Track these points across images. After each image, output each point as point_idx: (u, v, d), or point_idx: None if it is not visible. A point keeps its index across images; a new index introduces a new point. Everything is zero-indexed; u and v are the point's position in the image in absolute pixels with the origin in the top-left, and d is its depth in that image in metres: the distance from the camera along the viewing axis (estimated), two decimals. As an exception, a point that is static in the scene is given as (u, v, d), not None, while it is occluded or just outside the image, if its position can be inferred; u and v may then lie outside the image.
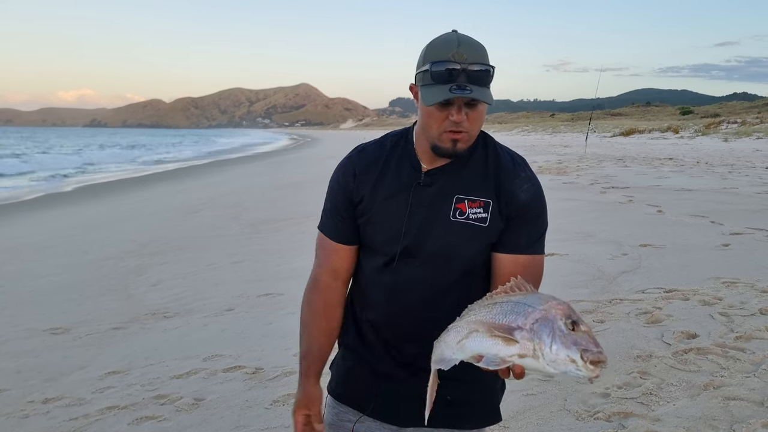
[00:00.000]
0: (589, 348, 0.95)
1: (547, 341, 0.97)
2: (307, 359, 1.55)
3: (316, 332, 1.54)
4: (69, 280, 6.13)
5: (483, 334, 1.05)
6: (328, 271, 1.54)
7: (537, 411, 3.03)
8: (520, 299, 1.05)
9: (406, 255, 1.42)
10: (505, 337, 1.01)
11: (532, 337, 0.99)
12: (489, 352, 1.03)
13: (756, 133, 28.12)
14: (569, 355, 0.95)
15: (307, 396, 1.54)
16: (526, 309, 1.03)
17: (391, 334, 1.49)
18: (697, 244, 6.58)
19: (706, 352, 3.61)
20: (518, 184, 1.41)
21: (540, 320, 1.00)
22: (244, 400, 3.33)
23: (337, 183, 1.53)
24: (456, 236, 1.39)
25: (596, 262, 5.96)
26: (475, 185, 1.41)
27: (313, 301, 1.55)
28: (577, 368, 0.95)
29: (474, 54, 1.32)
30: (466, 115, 1.32)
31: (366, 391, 1.53)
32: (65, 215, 11.25)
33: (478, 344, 1.06)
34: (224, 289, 5.70)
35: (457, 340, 1.11)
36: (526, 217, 1.41)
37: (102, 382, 3.67)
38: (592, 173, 15.34)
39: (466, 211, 1.39)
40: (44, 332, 4.65)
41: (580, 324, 0.98)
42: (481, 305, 1.11)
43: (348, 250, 1.53)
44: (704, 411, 2.92)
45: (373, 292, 1.50)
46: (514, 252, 1.41)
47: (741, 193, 10.74)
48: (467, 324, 1.10)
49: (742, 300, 4.58)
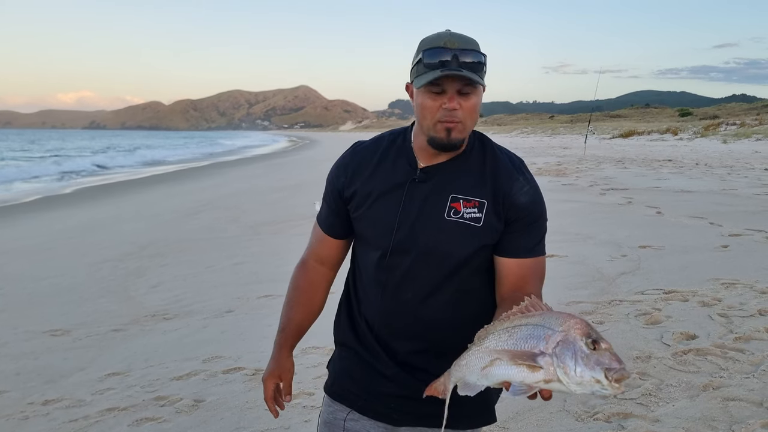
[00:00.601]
0: (612, 366, 0.96)
1: (570, 365, 0.98)
2: (284, 332, 1.62)
3: (297, 308, 1.62)
4: (68, 282, 6.13)
5: (507, 363, 1.06)
6: (315, 256, 1.63)
7: (536, 412, 3.03)
8: (539, 321, 1.06)
9: (400, 251, 1.43)
10: (529, 364, 1.02)
11: (555, 361, 1.00)
12: (515, 380, 1.04)
13: (755, 135, 28.17)
14: (594, 376, 0.97)
15: (279, 366, 1.61)
16: (546, 332, 1.03)
17: (386, 331, 1.50)
18: (696, 246, 6.59)
19: (706, 353, 3.61)
20: (518, 186, 1.42)
21: (561, 343, 1.01)
22: (244, 402, 3.33)
23: (330, 177, 1.57)
24: (449, 234, 1.39)
25: (595, 264, 5.97)
26: (470, 185, 1.41)
27: (298, 279, 1.63)
28: (603, 387, 0.96)
29: (465, 42, 1.34)
30: (459, 105, 1.34)
31: (360, 389, 1.53)
32: (64, 217, 11.24)
33: (503, 372, 1.06)
34: (224, 290, 5.70)
35: (480, 366, 1.12)
36: (527, 220, 1.42)
37: (102, 384, 3.67)
38: (592, 175, 15.36)
39: (461, 210, 1.39)
40: (44, 334, 4.65)
41: (601, 342, 0.99)
42: (499, 330, 1.11)
43: (335, 242, 1.59)
44: (703, 412, 2.93)
45: (369, 287, 1.52)
46: (519, 256, 1.42)
47: (740, 194, 10.76)
48: (489, 351, 1.11)
49: (741, 301, 4.58)
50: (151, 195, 15.27)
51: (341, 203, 1.53)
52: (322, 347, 3.99)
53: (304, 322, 1.63)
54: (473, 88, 1.34)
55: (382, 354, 1.50)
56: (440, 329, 1.45)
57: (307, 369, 3.68)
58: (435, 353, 1.45)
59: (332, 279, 1.66)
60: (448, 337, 1.44)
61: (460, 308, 1.45)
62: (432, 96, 1.35)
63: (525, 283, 1.42)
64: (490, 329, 1.14)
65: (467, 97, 1.34)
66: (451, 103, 1.33)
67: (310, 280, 1.62)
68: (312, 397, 3.32)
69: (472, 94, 1.35)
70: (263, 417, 3.14)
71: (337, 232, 1.58)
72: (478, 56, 1.33)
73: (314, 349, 3.97)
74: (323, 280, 1.63)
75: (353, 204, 1.50)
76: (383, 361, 1.50)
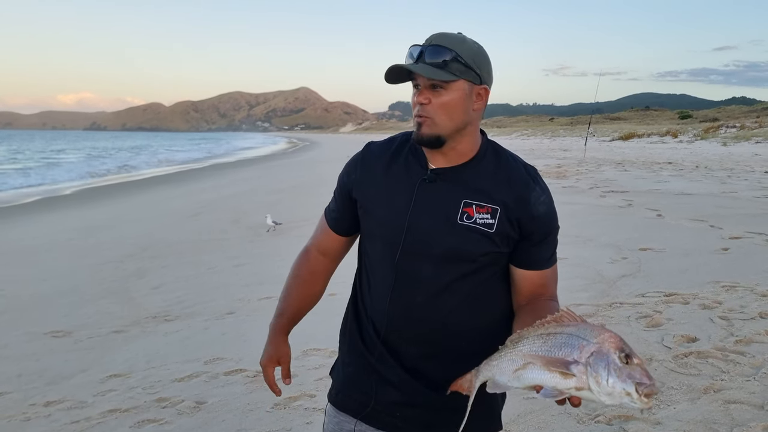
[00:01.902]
0: (643, 381, 0.99)
1: (603, 375, 1.01)
2: (282, 317, 1.65)
3: (296, 294, 1.65)
4: (70, 283, 6.14)
5: (540, 367, 1.08)
6: (318, 246, 1.65)
7: (538, 414, 3.03)
8: (574, 331, 1.09)
9: (410, 252, 1.42)
10: (562, 371, 1.05)
11: (588, 370, 1.03)
12: (547, 385, 1.07)
13: (755, 138, 28.17)
14: (624, 389, 1.00)
15: (278, 351, 1.64)
16: (580, 342, 1.06)
17: (394, 335, 1.47)
18: (696, 248, 6.59)
19: (707, 356, 3.62)
20: (535, 196, 1.41)
21: (595, 354, 1.03)
22: (246, 404, 3.33)
23: (341, 174, 1.58)
24: (462, 238, 1.38)
25: (596, 266, 5.97)
26: (483, 191, 1.40)
27: (300, 268, 1.66)
28: (632, 401, 0.99)
29: (439, 38, 1.35)
30: (428, 99, 1.35)
31: (367, 397, 1.52)
32: (64, 219, 11.25)
33: (536, 376, 1.09)
34: (225, 292, 5.71)
35: (512, 369, 1.14)
36: (544, 231, 1.43)
37: (103, 386, 3.67)
38: (592, 177, 15.36)
39: (473, 215, 1.38)
40: (45, 336, 4.65)
41: (633, 357, 1.02)
42: (534, 335, 1.14)
43: (339, 238, 1.61)
44: (704, 414, 2.93)
45: (376, 289, 1.49)
46: (541, 268, 1.44)
47: (740, 197, 10.76)
48: (522, 355, 1.13)
49: (742, 304, 4.59)
50: (151, 196, 15.28)
51: (349, 201, 1.54)
52: (323, 349, 4.00)
53: (302, 309, 1.66)
54: (444, 83, 1.33)
55: (389, 359, 1.48)
56: (448, 333, 1.44)
57: (309, 371, 3.68)
58: (442, 359, 1.44)
59: (333, 270, 1.68)
60: (456, 341, 1.43)
61: (468, 313, 1.44)
62: (414, 92, 1.38)
63: (545, 290, 1.45)
64: (524, 334, 1.16)
65: (438, 92, 1.34)
66: (419, 96, 1.36)
67: (311, 269, 1.65)
68: (313, 399, 3.32)
69: (445, 90, 1.34)
70: (265, 419, 3.15)
71: (342, 228, 1.59)
72: (446, 52, 1.32)
73: (315, 351, 3.98)
74: (324, 270, 1.65)
75: (362, 202, 1.50)
76: (390, 366, 1.48)
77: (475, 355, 1.28)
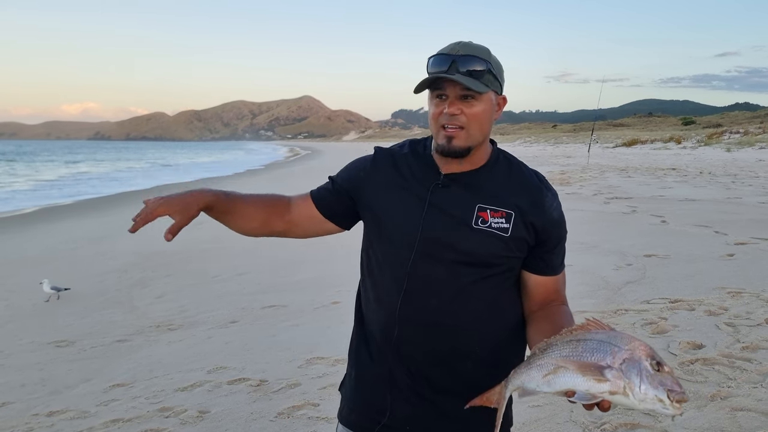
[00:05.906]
0: (674, 388, 1.02)
1: (636, 381, 1.03)
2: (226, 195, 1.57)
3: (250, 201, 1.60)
4: (73, 292, 6.13)
5: (573, 372, 1.09)
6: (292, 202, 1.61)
7: (543, 422, 3.01)
8: (604, 338, 1.10)
9: (424, 256, 1.40)
10: (596, 376, 1.06)
11: (622, 376, 1.05)
12: (580, 389, 1.08)
13: (759, 143, 28.12)
14: (657, 395, 1.02)
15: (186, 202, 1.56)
16: (612, 348, 1.08)
17: (403, 343, 1.43)
18: (701, 254, 6.56)
19: (713, 363, 3.59)
20: (548, 202, 1.42)
21: (627, 360, 1.05)
22: (249, 413, 3.31)
23: (351, 166, 1.57)
24: (477, 243, 1.37)
25: (601, 273, 5.95)
26: (497, 196, 1.40)
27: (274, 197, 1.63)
28: (664, 407, 1.01)
29: (469, 49, 1.35)
30: (461, 110, 1.34)
31: (379, 414, 1.48)
32: (66, 229, 11.27)
33: (569, 380, 1.10)
34: (228, 301, 5.70)
35: (542, 374, 1.15)
36: (558, 236, 1.44)
37: (107, 395, 3.66)
38: (596, 184, 15.34)
39: (488, 219, 1.38)
40: (48, 345, 4.65)
41: (664, 365, 1.05)
42: (563, 342, 1.15)
43: (312, 209, 1.56)
44: (712, 422, 2.90)
45: (386, 296, 1.46)
46: (555, 273, 1.46)
47: (745, 202, 10.73)
48: (553, 360, 1.14)
49: (748, 310, 4.56)
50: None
51: (345, 195, 1.53)
52: (327, 357, 3.98)
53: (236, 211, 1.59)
54: (477, 94, 1.33)
55: (399, 368, 1.45)
56: (460, 338, 1.41)
57: (312, 380, 3.67)
58: (451, 367, 1.42)
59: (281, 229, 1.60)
60: (468, 346, 1.41)
61: (481, 318, 1.42)
62: (436, 102, 1.36)
63: (557, 295, 1.46)
64: (552, 342, 1.17)
65: (470, 103, 1.34)
66: (451, 107, 1.34)
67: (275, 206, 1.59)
68: (317, 408, 3.30)
69: (477, 100, 1.34)
70: (268, 428, 3.13)
71: (323, 206, 1.55)
72: (480, 63, 1.33)
73: (319, 360, 3.96)
74: (279, 219, 1.58)
75: (369, 205, 1.48)
76: (400, 377, 1.45)
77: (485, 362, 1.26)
